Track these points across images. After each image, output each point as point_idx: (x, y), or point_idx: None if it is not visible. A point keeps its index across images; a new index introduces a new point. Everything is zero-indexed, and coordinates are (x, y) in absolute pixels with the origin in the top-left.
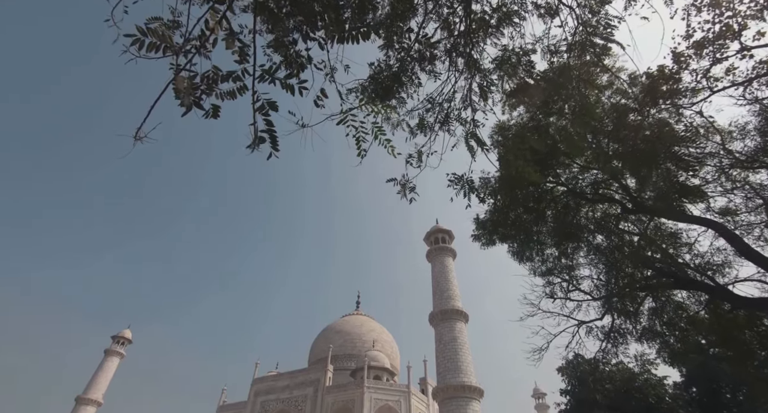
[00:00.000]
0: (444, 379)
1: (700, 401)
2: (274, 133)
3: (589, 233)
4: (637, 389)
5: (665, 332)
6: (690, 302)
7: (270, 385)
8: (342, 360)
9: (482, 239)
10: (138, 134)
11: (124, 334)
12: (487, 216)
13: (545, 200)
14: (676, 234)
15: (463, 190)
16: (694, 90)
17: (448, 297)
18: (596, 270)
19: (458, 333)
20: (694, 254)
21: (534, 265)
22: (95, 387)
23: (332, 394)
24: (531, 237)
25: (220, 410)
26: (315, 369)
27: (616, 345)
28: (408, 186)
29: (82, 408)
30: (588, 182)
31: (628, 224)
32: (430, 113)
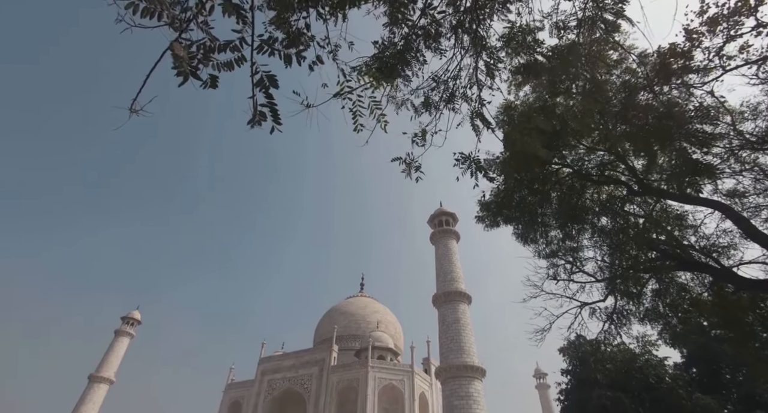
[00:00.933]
0: (447, 359)
1: (700, 381)
2: (275, 106)
3: (593, 215)
4: (638, 369)
5: (668, 313)
6: (694, 284)
7: (276, 364)
8: (346, 340)
9: (486, 220)
10: (133, 106)
11: (133, 315)
12: (492, 198)
13: (550, 181)
14: (682, 216)
15: (470, 169)
16: (706, 69)
17: (452, 279)
18: (600, 252)
19: (461, 314)
20: (699, 236)
21: (538, 247)
22: (107, 366)
23: (337, 373)
24: (535, 219)
25: (229, 388)
26: (320, 349)
27: (619, 326)
28: (413, 165)
29: (95, 386)
30: (594, 164)
31: (634, 206)
32: (435, 92)
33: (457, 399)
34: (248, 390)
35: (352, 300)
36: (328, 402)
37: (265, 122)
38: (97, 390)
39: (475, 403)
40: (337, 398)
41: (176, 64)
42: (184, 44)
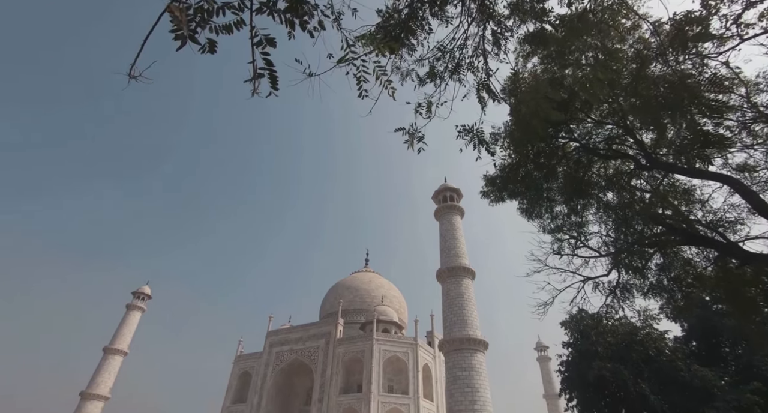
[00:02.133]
0: (450, 332)
1: (699, 354)
2: (274, 72)
3: (600, 190)
4: (638, 342)
5: (672, 287)
6: (699, 258)
7: (284, 337)
8: (352, 314)
9: (491, 196)
10: (132, 71)
11: (143, 290)
12: (497, 173)
13: (557, 156)
14: (690, 191)
15: (473, 142)
16: (722, 38)
17: (456, 255)
18: (605, 227)
19: (465, 289)
20: (706, 210)
21: (543, 222)
22: (120, 339)
23: (343, 346)
24: (541, 194)
25: (238, 359)
26: (326, 322)
27: (621, 299)
28: (416, 136)
29: (110, 357)
30: (602, 138)
31: (641, 181)
32: (440, 62)
33: (460, 370)
34: (257, 361)
35: (357, 275)
36: (335, 373)
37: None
38: (112, 361)
39: (477, 374)
40: (343, 369)
41: (174, 25)
42: (182, 5)
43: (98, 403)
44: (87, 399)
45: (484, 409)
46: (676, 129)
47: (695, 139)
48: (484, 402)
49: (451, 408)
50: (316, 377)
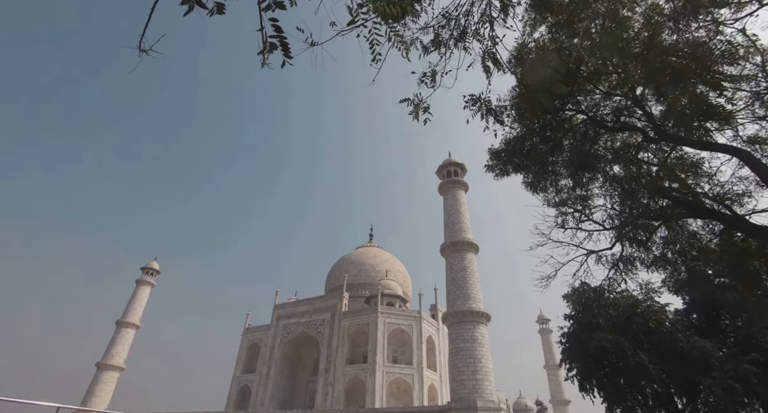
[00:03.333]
0: (453, 306)
1: (699, 326)
2: (285, 39)
3: (606, 163)
4: (639, 314)
5: (676, 260)
6: (704, 231)
7: (290, 310)
8: (356, 288)
9: (496, 169)
10: (141, 44)
11: (152, 266)
12: (502, 146)
13: (563, 129)
14: (698, 163)
15: (480, 111)
16: (740, 3)
17: (459, 229)
18: (610, 200)
19: (468, 263)
20: (713, 183)
21: (548, 196)
22: (132, 313)
23: (348, 318)
24: (546, 168)
25: (247, 332)
26: (332, 296)
27: (624, 272)
28: (421, 106)
29: (122, 330)
30: (609, 110)
31: (648, 154)
32: (445, 30)
33: (463, 341)
34: (265, 334)
35: (362, 250)
36: (340, 344)
37: (274, 56)
38: (125, 334)
39: (480, 346)
40: (349, 341)
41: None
42: None
43: (114, 373)
44: (103, 370)
45: (486, 379)
46: (686, 101)
47: (697, 110)
48: (486, 373)
49: (453, 378)
50: (323, 348)
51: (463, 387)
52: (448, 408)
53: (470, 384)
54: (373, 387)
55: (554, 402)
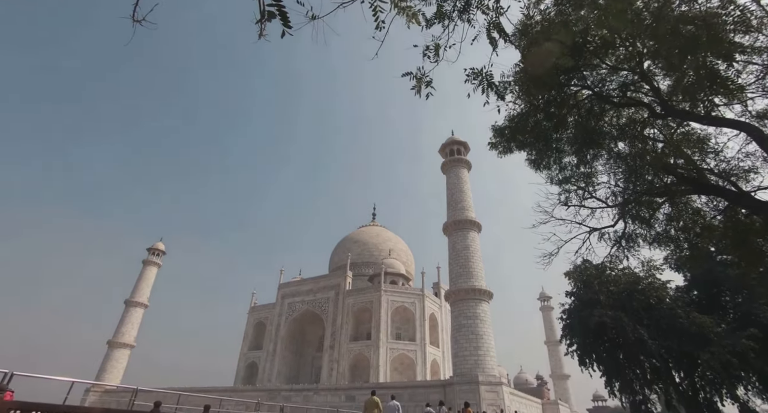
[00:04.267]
0: (456, 284)
1: (700, 303)
2: (283, 7)
3: (611, 140)
4: (640, 291)
5: (679, 237)
6: (708, 208)
7: (295, 289)
8: (360, 267)
9: (499, 147)
10: (135, 14)
11: (157, 246)
12: (506, 123)
13: (567, 105)
14: (704, 139)
15: (481, 86)
16: None
17: (462, 208)
18: (614, 177)
19: (471, 241)
20: (719, 159)
21: (551, 173)
22: (140, 292)
23: (352, 297)
24: (550, 145)
25: (253, 310)
26: (336, 275)
27: (627, 249)
28: (424, 80)
29: (131, 309)
30: (616, 85)
31: (654, 130)
32: (448, 1)
33: (465, 318)
34: (270, 312)
35: (365, 230)
36: (345, 322)
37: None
38: (134, 313)
39: (482, 322)
40: (353, 318)
41: None
42: None
43: (125, 351)
44: (114, 347)
45: (488, 355)
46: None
47: (707, 83)
48: (488, 348)
49: (456, 354)
50: (327, 326)
51: (465, 362)
52: (450, 382)
53: (472, 360)
54: (377, 363)
55: (554, 376)
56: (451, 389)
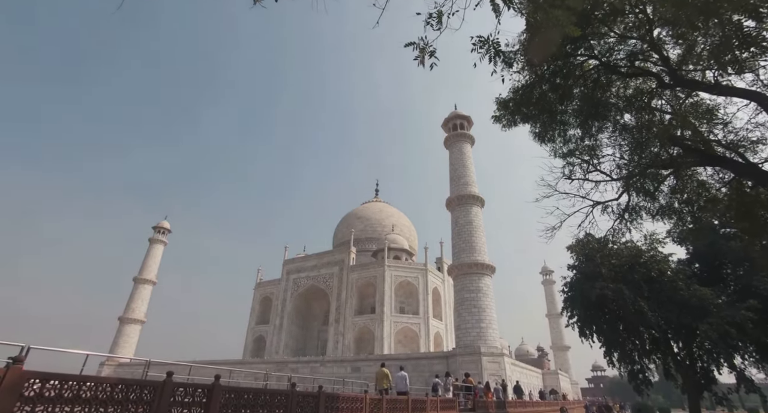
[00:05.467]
0: (459, 258)
1: (701, 275)
2: None
3: (617, 111)
4: (642, 264)
5: (683, 210)
6: (713, 180)
7: (300, 265)
8: (363, 242)
9: (503, 120)
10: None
11: (162, 224)
12: (510, 95)
13: (573, 75)
14: (713, 110)
15: (488, 54)
16: None
17: (465, 183)
18: (619, 150)
19: (474, 216)
20: (727, 130)
21: (555, 146)
22: (148, 270)
23: (356, 272)
24: (554, 117)
25: (259, 286)
26: (339, 250)
27: (630, 221)
28: (427, 50)
29: (140, 286)
30: (624, 54)
31: (662, 101)
32: None
33: (468, 292)
34: (276, 288)
35: (368, 206)
36: (349, 296)
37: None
38: (142, 289)
39: (484, 296)
40: (357, 293)
41: None
42: None
43: (136, 326)
44: (125, 323)
45: (490, 327)
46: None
47: (731, 43)
48: (490, 321)
49: (458, 326)
50: (332, 300)
51: (468, 334)
52: (453, 353)
53: (474, 332)
54: (381, 336)
55: (555, 348)
56: (453, 360)
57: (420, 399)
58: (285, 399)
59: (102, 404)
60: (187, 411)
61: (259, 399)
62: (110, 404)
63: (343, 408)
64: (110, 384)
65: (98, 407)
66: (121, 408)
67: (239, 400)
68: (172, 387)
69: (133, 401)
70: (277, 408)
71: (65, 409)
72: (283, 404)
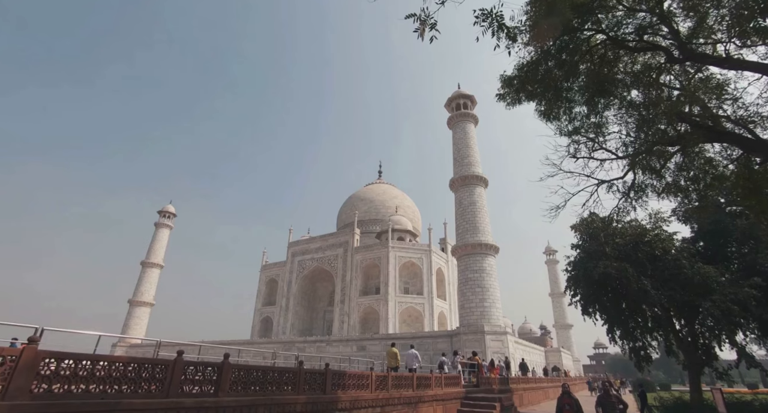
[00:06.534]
0: (463, 239)
1: (705, 254)
2: None
3: (624, 88)
4: (646, 243)
5: (688, 187)
6: (721, 157)
7: (304, 247)
8: (367, 224)
9: (508, 98)
10: None
11: (168, 209)
12: (515, 72)
13: (580, 51)
14: (723, 85)
15: (492, 27)
16: None
17: (469, 163)
18: (626, 127)
19: (477, 197)
20: (737, 106)
21: (560, 124)
22: (154, 254)
23: (360, 253)
24: (560, 94)
25: (264, 268)
26: (343, 232)
27: (635, 199)
28: (428, 23)
29: (148, 270)
30: (632, 28)
31: (670, 76)
32: None
33: (472, 272)
34: (282, 270)
35: (371, 187)
36: (354, 277)
37: None
38: (150, 273)
39: (488, 276)
40: (362, 274)
41: None
42: None
43: (145, 309)
44: (135, 306)
45: (493, 306)
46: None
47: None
48: (494, 300)
49: (462, 306)
50: (337, 281)
51: (472, 313)
52: (457, 332)
53: (478, 311)
54: (386, 316)
55: (557, 326)
56: (457, 338)
57: (425, 376)
58: (293, 376)
59: (116, 382)
60: (198, 389)
61: (268, 376)
62: (124, 382)
63: (350, 385)
64: (123, 362)
65: (112, 384)
66: (135, 386)
67: (248, 377)
68: (183, 366)
69: (145, 379)
70: (285, 384)
71: (81, 387)
72: (291, 381)
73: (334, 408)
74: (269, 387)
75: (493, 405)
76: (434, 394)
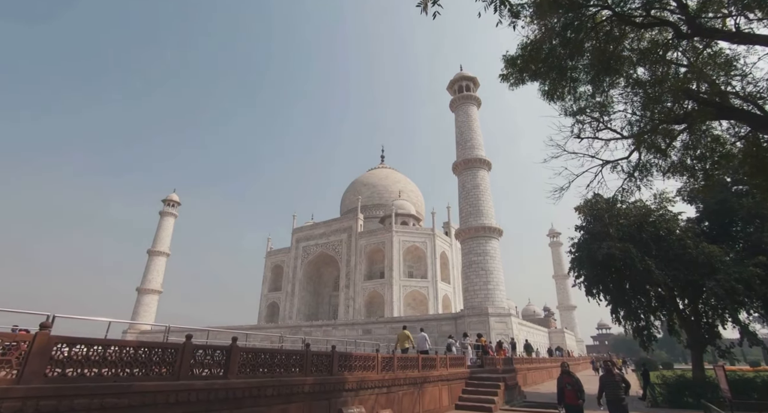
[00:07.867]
0: (466, 222)
1: (710, 233)
2: None
3: (630, 65)
4: (651, 223)
5: (694, 166)
6: (728, 135)
7: (308, 233)
8: (371, 209)
9: (511, 78)
10: None
11: (172, 198)
12: (519, 52)
13: (585, 28)
14: (731, 61)
15: (494, 2)
16: None
17: (472, 146)
18: (631, 106)
19: (480, 180)
20: (746, 82)
21: (565, 104)
22: (160, 242)
23: (364, 238)
24: (564, 74)
25: (269, 254)
26: (347, 217)
27: (640, 179)
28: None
29: (154, 258)
30: (639, 3)
31: (678, 53)
32: None
33: (475, 255)
34: (286, 256)
35: (374, 172)
36: (358, 262)
37: None
38: (157, 261)
39: (491, 259)
40: (366, 259)
41: None
42: None
43: (153, 296)
44: (143, 294)
45: (497, 289)
46: None
47: None
48: (497, 283)
49: (466, 289)
50: (342, 266)
51: (476, 296)
52: (461, 315)
53: (482, 294)
54: (391, 300)
55: (561, 307)
56: (462, 321)
57: (430, 357)
58: (300, 358)
59: (127, 365)
60: (208, 371)
61: (276, 358)
62: (135, 365)
63: (356, 366)
64: (133, 346)
65: (124, 368)
66: (146, 369)
67: (257, 360)
68: (192, 349)
69: (156, 362)
70: (293, 366)
71: (93, 370)
72: (299, 363)
73: (341, 389)
74: (277, 369)
75: (497, 384)
76: (439, 375)
